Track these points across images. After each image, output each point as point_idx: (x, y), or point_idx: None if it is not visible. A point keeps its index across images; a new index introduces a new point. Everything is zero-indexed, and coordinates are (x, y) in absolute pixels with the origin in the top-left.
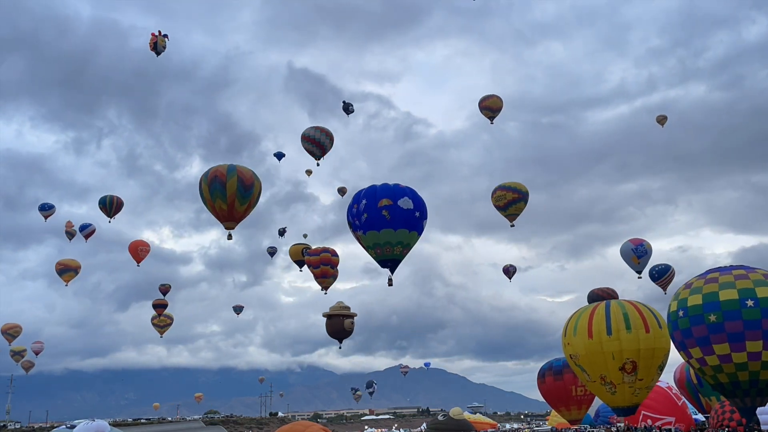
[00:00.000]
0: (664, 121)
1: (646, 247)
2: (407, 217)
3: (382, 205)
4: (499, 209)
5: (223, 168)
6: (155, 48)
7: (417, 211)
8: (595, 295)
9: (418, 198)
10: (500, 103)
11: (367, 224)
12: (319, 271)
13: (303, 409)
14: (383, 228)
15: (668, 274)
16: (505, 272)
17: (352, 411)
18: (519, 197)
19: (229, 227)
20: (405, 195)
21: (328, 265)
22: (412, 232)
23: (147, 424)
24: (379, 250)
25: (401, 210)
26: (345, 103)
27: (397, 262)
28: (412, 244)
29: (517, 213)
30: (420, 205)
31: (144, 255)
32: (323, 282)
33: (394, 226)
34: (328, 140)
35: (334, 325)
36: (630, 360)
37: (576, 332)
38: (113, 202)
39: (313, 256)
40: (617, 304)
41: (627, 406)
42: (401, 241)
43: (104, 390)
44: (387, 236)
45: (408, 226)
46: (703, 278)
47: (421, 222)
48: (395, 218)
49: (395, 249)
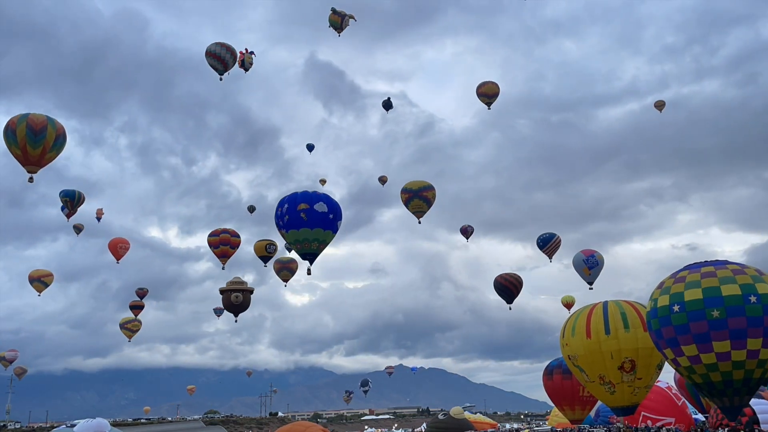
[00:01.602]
0: (662, 106)
1: (597, 258)
2: (322, 218)
3: (301, 208)
4: (426, 203)
5: (16, 117)
6: (243, 65)
7: (331, 213)
8: (498, 283)
9: (332, 203)
10: (496, 88)
11: (288, 224)
12: (219, 251)
13: (303, 409)
14: (302, 227)
15: (553, 242)
16: (463, 233)
17: (352, 411)
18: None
19: (30, 171)
20: (320, 200)
21: (228, 245)
22: (326, 231)
23: (147, 424)
24: (299, 245)
25: (317, 212)
26: (386, 101)
27: (315, 255)
28: (328, 241)
29: (422, 210)
30: (334, 208)
31: (123, 252)
32: (223, 260)
33: (311, 226)
34: (231, 56)
35: (225, 299)
36: (628, 359)
37: (574, 332)
38: (79, 199)
39: (214, 236)
40: (615, 304)
41: (626, 406)
42: (317, 239)
43: (104, 390)
44: (305, 234)
45: (323, 225)
46: (673, 277)
47: (335, 223)
48: (311, 219)
49: (312, 245)
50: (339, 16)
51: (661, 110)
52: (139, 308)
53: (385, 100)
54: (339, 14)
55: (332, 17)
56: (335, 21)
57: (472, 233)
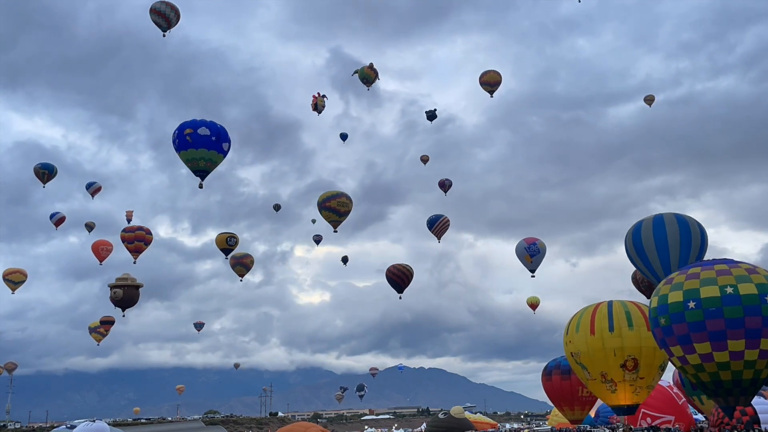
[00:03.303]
0: (652, 101)
1: (539, 246)
2: (205, 140)
3: (186, 133)
4: (341, 215)
5: None
6: (316, 108)
7: (213, 136)
8: (390, 273)
9: (216, 127)
10: (498, 77)
11: (178, 146)
12: (133, 246)
13: (303, 409)
14: (189, 148)
15: (440, 222)
16: (441, 186)
17: (352, 411)
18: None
19: None
20: (203, 126)
21: (142, 242)
22: (211, 151)
23: (147, 424)
24: (190, 164)
25: (199, 135)
26: (431, 112)
27: (205, 172)
28: (215, 160)
29: (335, 220)
30: (216, 131)
31: (106, 254)
32: (135, 255)
33: (196, 147)
34: (174, 14)
35: (111, 296)
36: (631, 357)
37: (578, 329)
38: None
39: (128, 233)
40: (619, 303)
41: (627, 405)
42: (203, 158)
43: (104, 390)
44: (192, 154)
45: (206, 146)
46: (684, 273)
47: (219, 144)
48: (195, 141)
49: (199, 163)
50: (374, 72)
51: (650, 104)
52: (110, 323)
53: (429, 111)
54: (374, 71)
55: (367, 71)
56: (369, 75)
57: (450, 186)
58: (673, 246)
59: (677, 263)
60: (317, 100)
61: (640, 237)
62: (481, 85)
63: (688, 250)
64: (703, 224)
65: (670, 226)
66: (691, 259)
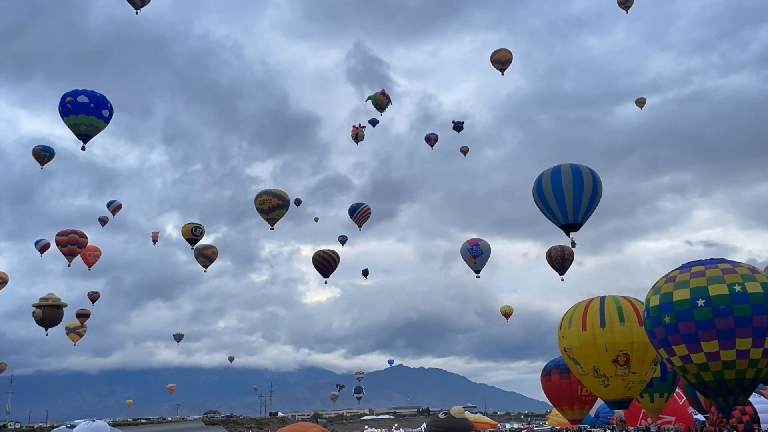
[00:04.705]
0: (643, 104)
1: (482, 247)
2: (84, 107)
3: (68, 101)
4: (261, 212)
5: None
6: (356, 138)
7: (92, 104)
8: (317, 259)
9: (95, 96)
10: (509, 55)
11: (62, 113)
12: (67, 249)
13: (303, 409)
14: (70, 114)
15: (360, 210)
16: (427, 141)
17: (352, 411)
18: (282, 204)
19: None
20: (83, 94)
21: (75, 245)
22: (90, 117)
23: (147, 424)
24: (73, 129)
25: (78, 103)
26: (456, 122)
27: (87, 136)
28: (97, 126)
29: (277, 218)
30: (95, 99)
31: (94, 260)
32: (69, 259)
33: (76, 113)
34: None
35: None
36: (623, 352)
37: (571, 325)
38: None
39: (62, 236)
40: (612, 298)
41: (620, 400)
42: (83, 123)
43: (104, 390)
44: (74, 120)
45: (86, 113)
46: (665, 278)
47: (99, 111)
48: (75, 108)
49: (80, 127)
50: (386, 98)
51: (641, 107)
52: (86, 316)
53: (456, 122)
54: (387, 96)
55: (380, 97)
56: (381, 101)
57: (437, 141)
58: (568, 192)
59: (572, 207)
60: (358, 130)
61: (541, 186)
62: (492, 63)
63: (581, 195)
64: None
65: (566, 176)
66: (584, 203)
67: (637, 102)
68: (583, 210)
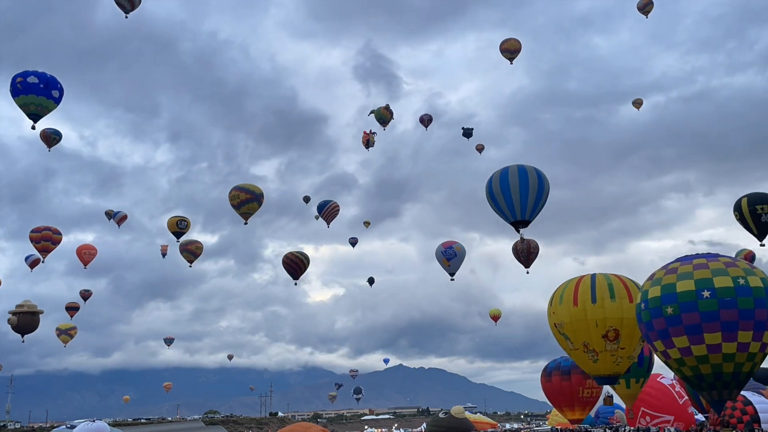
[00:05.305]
0: (640, 104)
1: (455, 249)
2: (34, 87)
3: (18, 81)
4: (234, 208)
5: None
6: (367, 144)
7: (42, 84)
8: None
9: (45, 76)
10: (518, 44)
11: (13, 93)
12: (41, 246)
13: (303, 409)
14: (21, 94)
15: (328, 207)
16: (421, 122)
17: (352, 411)
18: (251, 197)
19: None
20: (33, 75)
21: (49, 241)
22: (40, 97)
23: (147, 424)
24: (23, 108)
25: (29, 83)
26: (466, 129)
27: (37, 116)
28: (46, 105)
29: (249, 212)
30: (45, 80)
31: (90, 258)
32: (43, 255)
33: (26, 93)
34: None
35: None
36: (613, 328)
37: (561, 300)
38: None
39: (36, 233)
40: (602, 275)
41: (608, 375)
42: (33, 102)
43: (104, 390)
44: (24, 99)
45: (35, 93)
46: (664, 269)
47: (49, 91)
48: (25, 88)
49: (30, 107)
50: (390, 113)
51: (638, 108)
52: (75, 309)
53: (466, 129)
54: (390, 111)
55: (383, 112)
56: (385, 116)
57: (431, 122)
58: (515, 191)
59: (519, 205)
60: (368, 136)
61: (491, 187)
62: (501, 53)
63: (527, 193)
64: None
65: (512, 176)
66: (530, 201)
67: (634, 103)
68: (530, 208)
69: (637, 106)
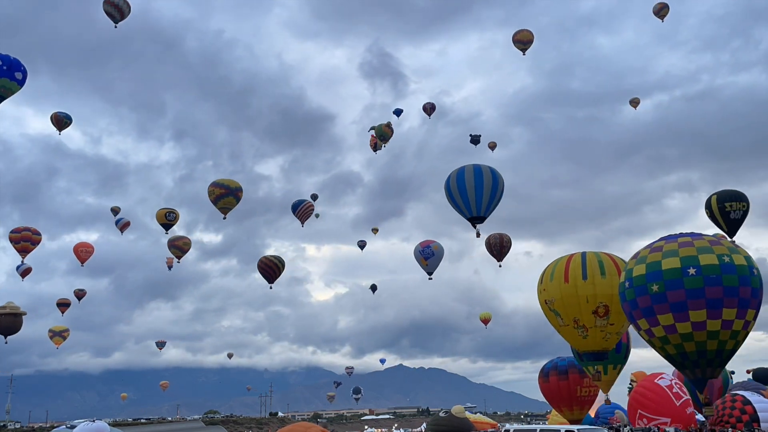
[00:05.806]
0: (637, 104)
1: (433, 249)
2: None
3: None
4: (212, 203)
5: None
6: (375, 147)
7: (5, 66)
8: (261, 265)
9: (8, 58)
10: (531, 36)
11: None
12: (20, 246)
13: (303, 409)
14: None
15: (302, 207)
16: (425, 110)
17: (352, 411)
18: (226, 192)
19: None
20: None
21: (29, 242)
22: (3, 79)
23: (147, 424)
24: None
25: None
26: (474, 136)
27: (1, 98)
28: (10, 88)
29: (227, 206)
30: (8, 62)
31: (87, 256)
32: (23, 255)
33: None
34: (126, 6)
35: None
36: (603, 304)
37: (552, 278)
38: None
39: (15, 233)
40: (593, 253)
41: (597, 351)
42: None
43: (104, 390)
44: None
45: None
46: (649, 248)
47: (12, 73)
48: None
49: None
50: (391, 130)
51: (636, 107)
52: (66, 305)
53: (474, 135)
54: (391, 129)
55: (385, 129)
56: (386, 133)
57: (433, 110)
58: (470, 189)
59: (474, 201)
60: (376, 140)
61: (449, 185)
62: (514, 43)
63: (481, 190)
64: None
65: (468, 175)
66: (485, 198)
67: (631, 102)
68: (485, 204)
69: (634, 105)
